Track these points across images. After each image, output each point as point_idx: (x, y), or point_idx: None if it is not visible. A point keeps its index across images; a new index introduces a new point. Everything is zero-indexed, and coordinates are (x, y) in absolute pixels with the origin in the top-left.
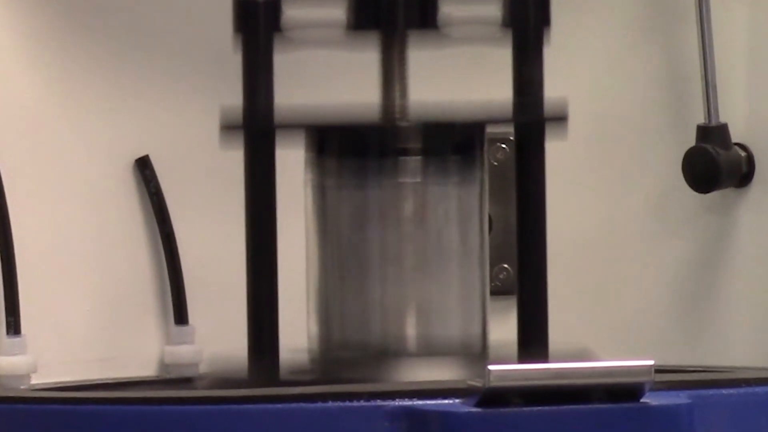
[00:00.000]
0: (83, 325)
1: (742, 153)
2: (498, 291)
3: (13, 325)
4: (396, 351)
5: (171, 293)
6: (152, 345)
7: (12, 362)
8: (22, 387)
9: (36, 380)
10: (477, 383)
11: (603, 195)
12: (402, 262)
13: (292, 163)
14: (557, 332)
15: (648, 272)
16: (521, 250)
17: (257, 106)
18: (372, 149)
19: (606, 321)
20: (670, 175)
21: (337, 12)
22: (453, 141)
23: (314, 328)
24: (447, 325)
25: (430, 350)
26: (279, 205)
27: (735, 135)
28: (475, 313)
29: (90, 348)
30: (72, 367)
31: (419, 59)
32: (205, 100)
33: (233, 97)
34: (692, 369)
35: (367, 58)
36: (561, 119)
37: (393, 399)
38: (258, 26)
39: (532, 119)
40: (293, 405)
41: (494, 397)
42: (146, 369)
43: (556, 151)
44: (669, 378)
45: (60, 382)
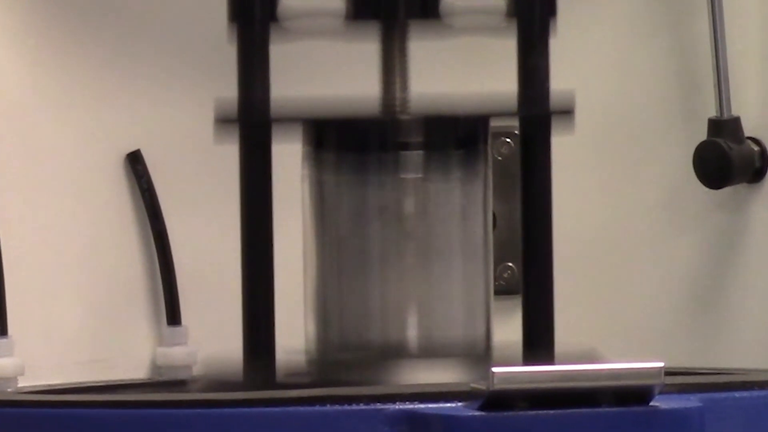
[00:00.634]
0: (72, 326)
1: (755, 147)
2: (502, 290)
3: (0, 326)
4: (396, 352)
5: (163, 293)
6: (144, 346)
7: None
8: (9, 390)
9: (23, 383)
10: (480, 386)
11: (611, 191)
12: (403, 261)
13: (289, 158)
14: (563, 333)
15: (657, 271)
16: (526, 248)
17: (253, 99)
18: (372, 143)
19: (614, 321)
20: (681, 171)
21: (336, 1)
22: (456, 135)
23: (312, 329)
24: (449, 326)
25: (432, 352)
26: (275, 202)
27: (748, 129)
28: (479, 314)
29: (79, 349)
30: (61, 370)
31: (421, 50)
32: (199, 93)
33: (228, 90)
34: (703, 371)
35: (367, 49)
36: (568, 112)
37: (393, 402)
38: (253, 16)
39: (538, 113)
40: (290, 408)
41: (498, 401)
42: (138, 371)
43: (563, 146)
44: (679, 380)
45: (48, 385)
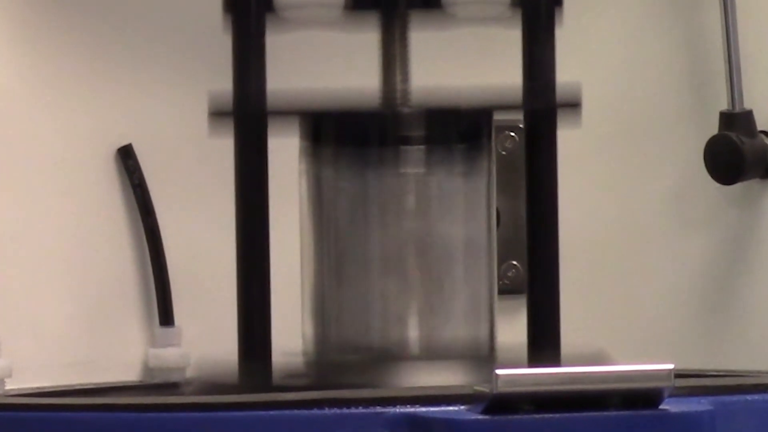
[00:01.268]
0: (61, 327)
1: None
2: (506, 290)
3: None
4: (397, 354)
5: (156, 292)
6: (136, 347)
7: None
8: None
9: (11, 385)
10: (484, 389)
11: (619, 187)
12: (403, 259)
13: (286, 153)
14: (570, 334)
15: (667, 270)
16: (531, 246)
17: (248, 91)
18: (371, 137)
19: (622, 322)
20: (691, 166)
21: None
22: (458, 129)
23: (309, 329)
24: (451, 327)
25: (434, 353)
26: (271, 198)
27: (761, 122)
28: (482, 314)
29: (69, 351)
30: (49, 372)
31: (422, 41)
32: (193, 85)
33: (223, 82)
34: (714, 373)
35: (366, 40)
36: (574, 105)
37: (393, 405)
38: (249, 6)
39: (543, 105)
40: (287, 412)
41: (502, 404)
42: (129, 373)
43: (569, 140)
44: (690, 383)
45: (37, 388)
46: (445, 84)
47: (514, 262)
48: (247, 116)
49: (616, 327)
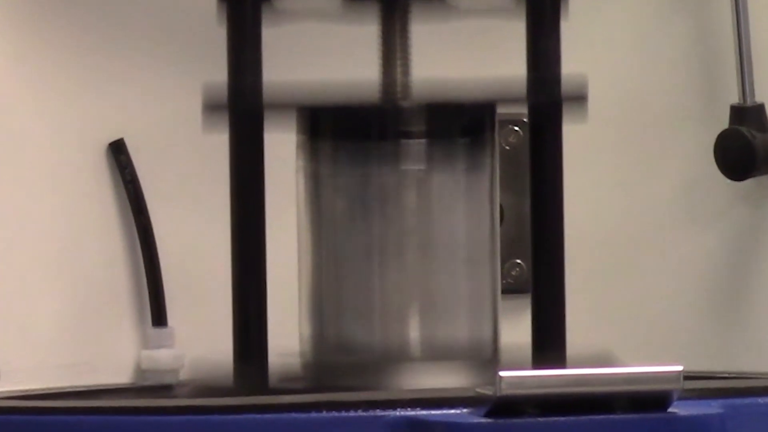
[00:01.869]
0: (51, 327)
1: None
2: (510, 289)
3: None
4: (397, 355)
5: (148, 291)
6: (128, 349)
7: None
8: None
9: None
10: (487, 391)
11: (626, 183)
12: (404, 257)
13: (283, 148)
14: (575, 335)
15: (676, 268)
16: (536, 244)
17: (243, 84)
18: (371, 132)
19: (629, 322)
20: (701, 161)
21: None
22: (460, 123)
23: (307, 330)
24: (453, 327)
25: (435, 354)
26: (268, 194)
27: None
28: (485, 314)
29: (59, 352)
30: (39, 374)
31: (423, 32)
32: (186, 78)
33: (217, 75)
34: (725, 375)
35: (366, 31)
36: (580, 99)
37: (394, 408)
38: None
39: (548, 99)
40: (283, 415)
41: (506, 407)
42: (121, 375)
43: (575, 135)
44: (699, 385)
45: (25, 390)
46: (447, 77)
47: (518, 261)
48: (243, 110)
49: (623, 327)
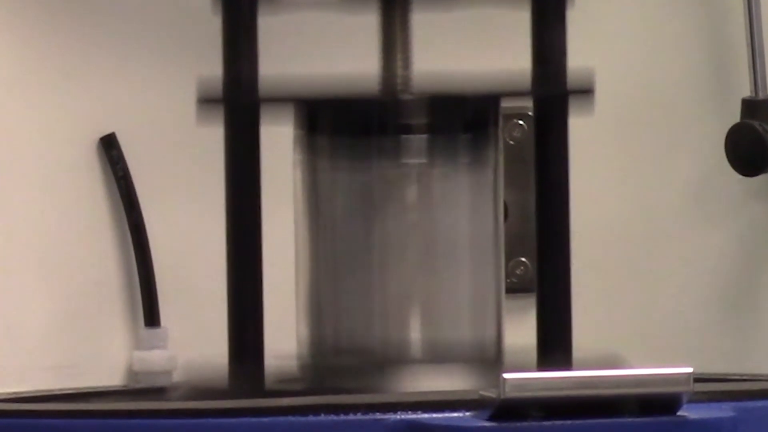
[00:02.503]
0: (41, 328)
1: None
2: (515, 288)
3: None
4: (398, 357)
5: (140, 291)
6: (119, 350)
7: None
8: None
9: None
10: (490, 394)
11: (634, 179)
12: (405, 256)
13: (280, 142)
14: (582, 335)
15: (686, 267)
16: (541, 242)
17: (239, 77)
18: (371, 126)
19: (638, 322)
20: (712, 156)
21: None
22: (463, 117)
23: (304, 331)
24: (456, 328)
25: (437, 356)
26: (264, 191)
27: None
28: (489, 314)
29: (49, 354)
30: (28, 376)
31: (425, 23)
32: (180, 70)
33: (212, 67)
34: (737, 377)
35: (366, 22)
36: (587, 92)
37: (394, 412)
38: None
39: (554, 92)
40: (280, 419)
41: (510, 410)
42: (112, 377)
43: (581, 129)
44: (710, 388)
45: (14, 393)
46: (449, 69)
47: (523, 259)
48: (239, 103)
49: (631, 327)
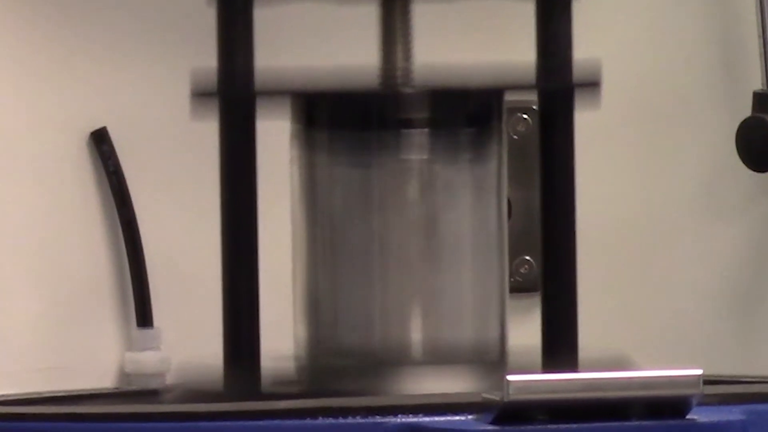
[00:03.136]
0: (29, 329)
1: None
2: (519, 287)
3: None
4: (398, 358)
5: (132, 290)
6: (111, 351)
7: None
8: None
9: None
10: (494, 396)
11: (642, 174)
12: (406, 255)
13: (276, 137)
14: (588, 336)
15: (695, 265)
16: (546, 240)
17: (234, 70)
18: (370, 121)
19: (646, 323)
20: (722, 151)
21: None
22: (466, 111)
23: (302, 331)
24: (458, 328)
25: (439, 357)
26: (260, 187)
27: None
28: (492, 314)
29: (37, 355)
30: (16, 378)
31: (426, 14)
32: (173, 62)
33: (206, 59)
34: (747, 379)
35: (365, 13)
36: (593, 85)
37: (395, 415)
38: None
39: (559, 85)
40: (277, 422)
41: (514, 413)
42: (104, 379)
43: (588, 123)
44: (720, 390)
45: (1, 396)
46: (452, 61)
47: (527, 258)
48: (234, 97)
49: (639, 328)
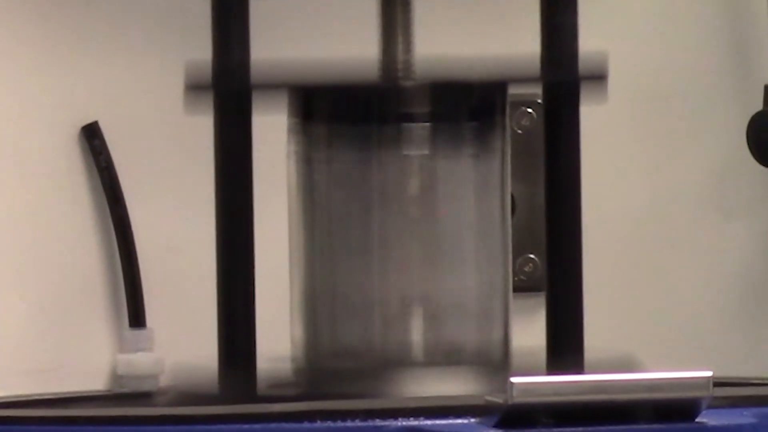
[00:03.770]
0: (18, 329)
1: None
2: (523, 287)
3: None
4: (399, 360)
5: (125, 290)
6: (102, 352)
7: None
8: None
9: None
10: (497, 399)
11: (650, 170)
12: (406, 253)
13: (273, 132)
14: (594, 337)
15: (705, 264)
16: (551, 238)
17: (230, 62)
18: (370, 114)
19: (654, 323)
20: (733, 146)
21: None
22: (468, 104)
23: (299, 332)
24: (461, 329)
25: (441, 359)
26: (256, 183)
27: None
28: (495, 314)
29: (27, 356)
30: (6, 380)
31: (427, 5)
32: (167, 55)
33: (201, 51)
34: (758, 382)
35: (364, 4)
36: (599, 78)
37: (395, 418)
38: None
39: (565, 78)
40: (273, 425)
41: (518, 416)
42: (95, 381)
43: (594, 117)
44: (730, 393)
45: None
46: (454, 53)
47: (532, 256)
48: (229, 90)
49: (647, 328)
